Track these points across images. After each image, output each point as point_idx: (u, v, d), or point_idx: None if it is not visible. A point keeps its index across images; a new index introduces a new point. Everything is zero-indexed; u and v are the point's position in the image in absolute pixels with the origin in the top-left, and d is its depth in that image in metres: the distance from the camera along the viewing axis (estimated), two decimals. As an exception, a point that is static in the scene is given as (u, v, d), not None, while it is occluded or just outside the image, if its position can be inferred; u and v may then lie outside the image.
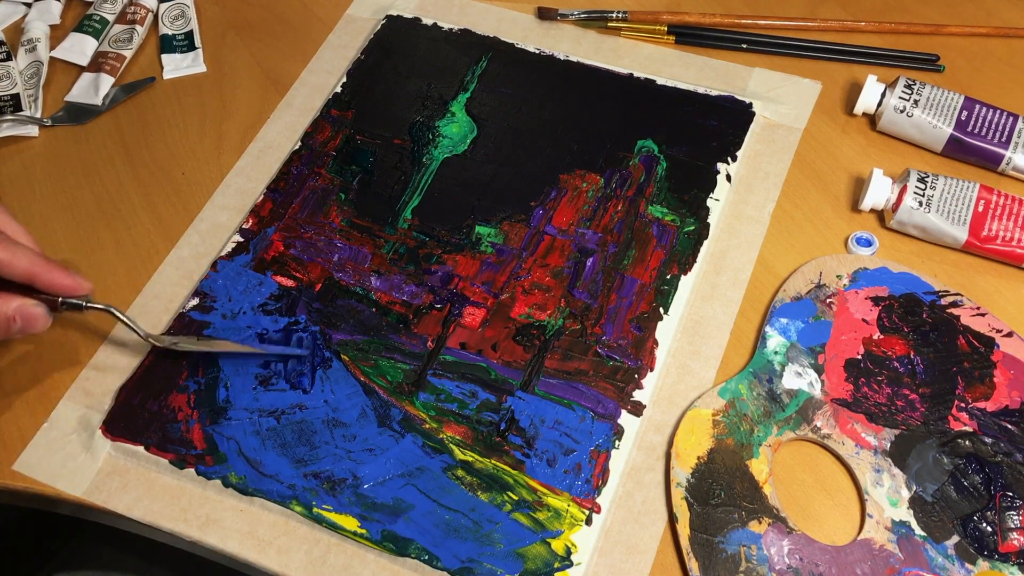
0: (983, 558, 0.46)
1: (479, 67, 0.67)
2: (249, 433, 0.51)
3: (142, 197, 0.63)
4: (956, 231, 0.55)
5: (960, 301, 0.54)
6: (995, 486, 0.47)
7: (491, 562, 0.46)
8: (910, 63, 0.66)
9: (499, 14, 0.71)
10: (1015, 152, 0.58)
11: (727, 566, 0.46)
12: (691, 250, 0.57)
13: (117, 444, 0.51)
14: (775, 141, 0.62)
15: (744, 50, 0.67)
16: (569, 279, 0.56)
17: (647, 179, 0.60)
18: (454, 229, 0.59)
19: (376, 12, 0.72)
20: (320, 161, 0.63)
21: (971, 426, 0.49)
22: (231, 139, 0.65)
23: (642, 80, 0.65)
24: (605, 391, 0.52)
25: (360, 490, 0.49)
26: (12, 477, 0.51)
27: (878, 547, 0.46)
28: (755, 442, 0.49)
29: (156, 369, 0.54)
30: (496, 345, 0.54)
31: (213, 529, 0.49)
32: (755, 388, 0.51)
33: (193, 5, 0.73)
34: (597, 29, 0.69)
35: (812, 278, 0.55)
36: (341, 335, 0.54)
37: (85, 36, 0.71)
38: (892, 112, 0.60)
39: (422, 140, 0.63)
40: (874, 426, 0.50)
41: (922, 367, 0.51)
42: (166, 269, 0.59)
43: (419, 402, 0.52)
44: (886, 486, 0.48)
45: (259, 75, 0.69)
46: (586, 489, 0.48)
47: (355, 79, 0.67)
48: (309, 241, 0.59)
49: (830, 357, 0.52)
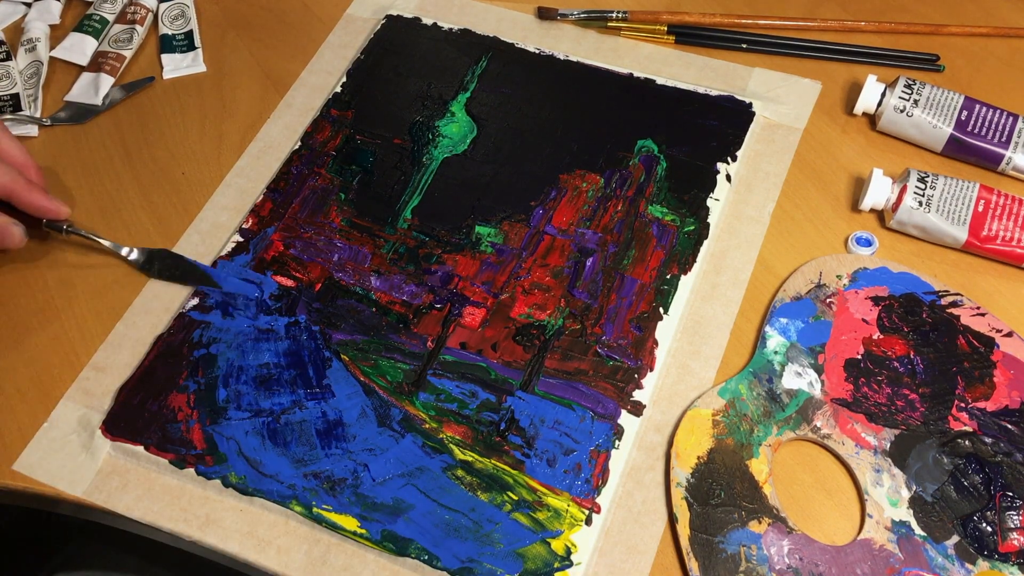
0: (983, 558, 0.46)
1: (479, 67, 0.67)
2: (249, 433, 0.51)
3: (142, 197, 0.63)
4: (956, 231, 0.55)
5: (960, 301, 0.54)
6: (995, 486, 0.47)
7: (491, 562, 0.46)
8: (910, 63, 0.66)
9: (499, 14, 0.71)
10: (1015, 152, 0.58)
11: (727, 566, 0.46)
12: (691, 250, 0.57)
13: (117, 444, 0.51)
14: (775, 141, 0.62)
15: (744, 50, 0.67)
16: (569, 279, 0.56)
17: (647, 179, 0.60)
18: (454, 229, 0.59)
19: (376, 12, 0.72)
20: (320, 161, 0.63)
21: (971, 426, 0.49)
22: (231, 139, 0.65)
23: (642, 80, 0.65)
24: (605, 391, 0.52)
25: (360, 490, 0.49)
26: (12, 477, 0.51)
27: (878, 547, 0.46)
28: (755, 442, 0.49)
29: (156, 369, 0.54)
30: (496, 345, 0.54)
31: (213, 529, 0.49)
32: (755, 388, 0.51)
33: (193, 5, 0.73)
34: (597, 29, 0.69)
35: (812, 278, 0.55)
36: (341, 335, 0.54)
37: (85, 36, 0.71)
38: (892, 112, 0.60)
39: (422, 140, 0.63)
40: (874, 426, 0.50)
41: (922, 367, 0.51)
42: (166, 269, 0.59)
43: (419, 402, 0.52)
44: (886, 486, 0.48)
45: (259, 75, 0.69)
46: (586, 489, 0.48)
47: (355, 79, 0.67)
48: (309, 241, 0.59)
49: (830, 357, 0.52)
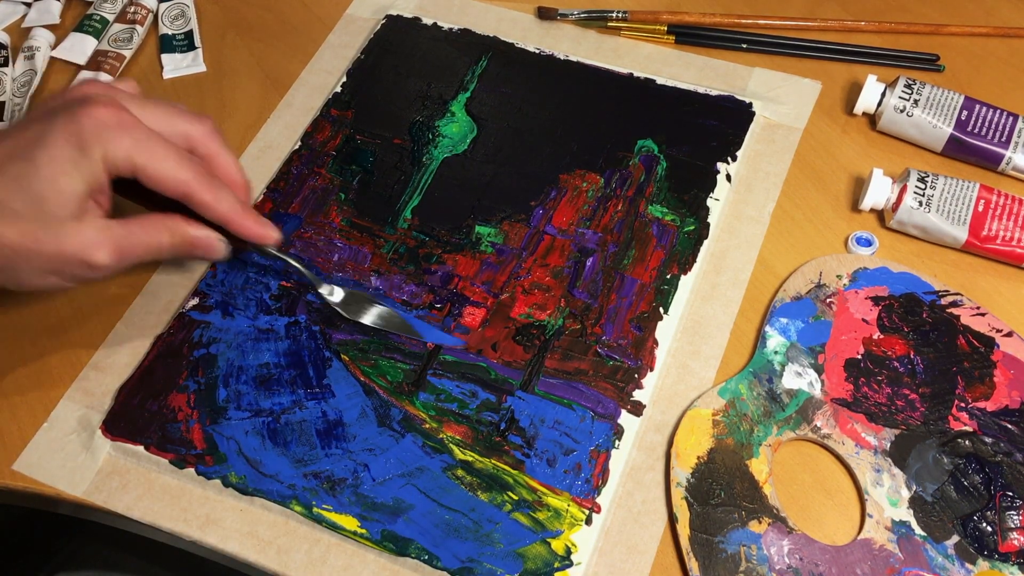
0: (983, 558, 0.46)
1: (479, 67, 0.67)
2: (249, 433, 0.51)
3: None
4: (956, 231, 0.55)
5: (960, 301, 0.54)
6: (995, 486, 0.47)
7: (491, 562, 0.46)
8: (910, 63, 0.66)
9: (499, 14, 0.71)
10: (1015, 152, 0.58)
11: (727, 566, 0.46)
12: (691, 250, 0.57)
13: (117, 444, 0.51)
14: (775, 141, 0.62)
15: (744, 50, 0.67)
16: (569, 279, 0.56)
17: (647, 179, 0.60)
18: (454, 229, 0.59)
19: (376, 12, 0.72)
20: (320, 161, 0.63)
21: (971, 426, 0.49)
22: (231, 139, 0.65)
23: (642, 80, 0.65)
24: (605, 391, 0.52)
25: (360, 490, 0.49)
26: (12, 477, 0.51)
27: (878, 547, 0.46)
28: (755, 442, 0.49)
29: (156, 369, 0.54)
30: (496, 345, 0.54)
31: (213, 529, 0.49)
32: (755, 388, 0.51)
33: (193, 5, 0.73)
34: (597, 29, 0.69)
35: (812, 278, 0.55)
36: (341, 335, 0.54)
37: (85, 36, 0.71)
38: (892, 112, 0.60)
39: (422, 140, 0.63)
40: (874, 426, 0.50)
41: (922, 367, 0.51)
42: (166, 268, 0.59)
43: (419, 402, 0.52)
44: (886, 486, 0.48)
45: (259, 75, 0.69)
46: (586, 489, 0.48)
47: (355, 79, 0.67)
48: (309, 241, 0.59)
49: (830, 357, 0.52)
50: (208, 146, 0.51)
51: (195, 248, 0.51)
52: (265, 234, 0.52)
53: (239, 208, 0.50)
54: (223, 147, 0.52)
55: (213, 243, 0.51)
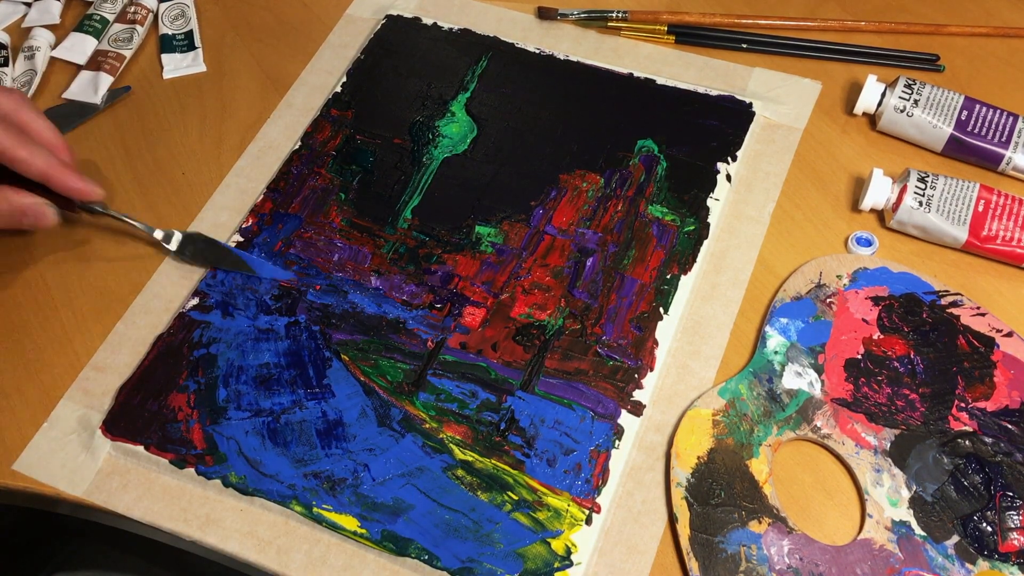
0: (983, 558, 0.46)
1: (479, 67, 0.67)
2: (249, 433, 0.51)
3: (142, 197, 0.63)
4: (956, 231, 0.55)
5: (960, 301, 0.54)
6: (995, 486, 0.47)
7: (491, 562, 0.46)
8: (910, 63, 0.66)
9: (499, 14, 0.71)
10: (1015, 152, 0.58)
11: (727, 566, 0.46)
12: (691, 250, 0.57)
13: (117, 444, 0.51)
14: (775, 141, 0.62)
15: (744, 50, 0.67)
16: (569, 279, 0.56)
17: (647, 179, 0.60)
18: (454, 229, 0.59)
19: (376, 12, 0.72)
20: (320, 161, 0.63)
21: (971, 426, 0.49)
22: (231, 139, 0.65)
23: (642, 80, 0.65)
24: (605, 391, 0.52)
25: (360, 490, 0.49)
26: (12, 477, 0.51)
27: (878, 547, 0.46)
28: (755, 442, 0.49)
29: (156, 369, 0.54)
30: (496, 345, 0.54)
31: (213, 529, 0.49)
32: (755, 388, 0.51)
33: (193, 5, 0.73)
34: (597, 29, 0.69)
35: (812, 278, 0.55)
36: (341, 335, 0.54)
37: (85, 36, 0.71)
38: (892, 112, 0.60)
39: (422, 140, 0.63)
40: (874, 426, 0.50)
41: (922, 367, 0.51)
42: (166, 268, 0.59)
43: (419, 402, 0.52)
44: (886, 486, 0.48)
45: (259, 75, 0.69)
46: (586, 489, 0.48)
47: (355, 79, 0.67)
48: (309, 241, 0.59)
49: (830, 357, 0.52)
50: (19, 114, 0.53)
51: (24, 215, 0.52)
52: (88, 189, 0.53)
53: (57, 164, 0.52)
54: (36, 114, 0.54)
55: (41, 208, 0.53)
